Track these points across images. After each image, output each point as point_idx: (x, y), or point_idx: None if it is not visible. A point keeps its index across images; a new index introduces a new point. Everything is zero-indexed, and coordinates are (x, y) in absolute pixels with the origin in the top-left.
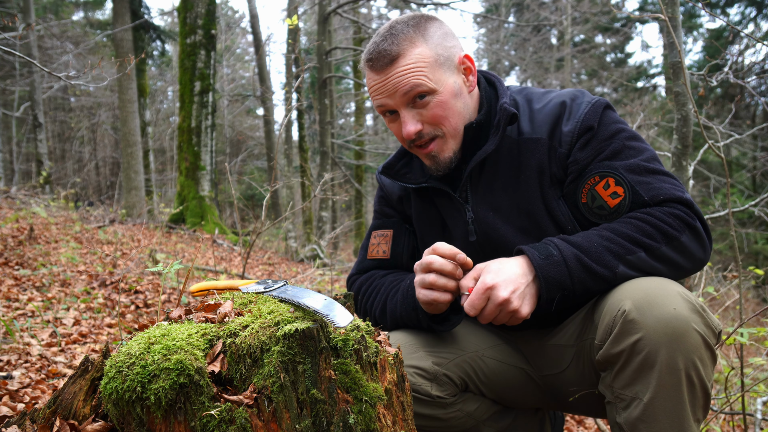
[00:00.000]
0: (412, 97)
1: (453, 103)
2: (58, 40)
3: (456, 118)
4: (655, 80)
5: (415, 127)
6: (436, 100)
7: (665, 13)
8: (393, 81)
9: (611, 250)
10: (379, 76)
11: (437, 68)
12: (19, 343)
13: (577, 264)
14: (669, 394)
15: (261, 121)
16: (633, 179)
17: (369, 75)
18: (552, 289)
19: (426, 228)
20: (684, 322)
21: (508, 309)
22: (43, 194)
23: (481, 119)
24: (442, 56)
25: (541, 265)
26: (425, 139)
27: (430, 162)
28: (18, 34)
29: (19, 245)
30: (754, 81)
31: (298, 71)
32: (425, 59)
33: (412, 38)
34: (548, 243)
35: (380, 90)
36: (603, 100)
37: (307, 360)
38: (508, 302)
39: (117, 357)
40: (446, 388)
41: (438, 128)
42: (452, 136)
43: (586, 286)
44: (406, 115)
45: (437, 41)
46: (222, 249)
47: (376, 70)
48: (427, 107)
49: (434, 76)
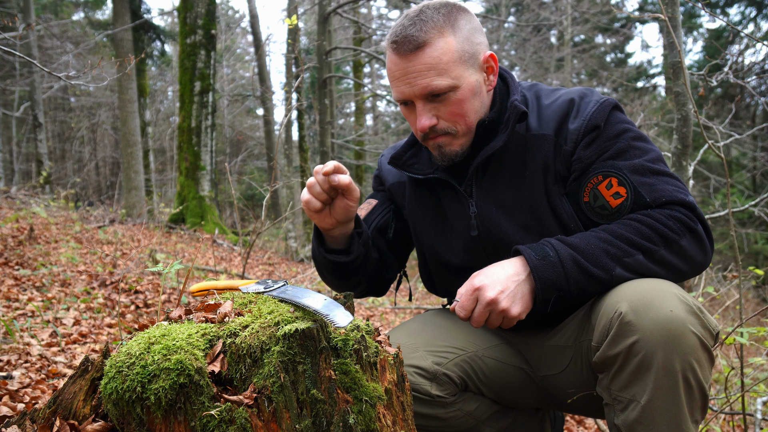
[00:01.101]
0: (431, 91)
1: (471, 101)
2: (58, 40)
3: (472, 117)
4: (655, 80)
5: (430, 122)
6: (455, 97)
7: (665, 13)
8: (415, 70)
9: (608, 252)
10: (401, 62)
11: (461, 64)
12: (19, 343)
13: (573, 265)
14: (666, 396)
15: (261, 121)
16: (636, 180)
17: (391, 58)
18: (547, 289)
19: (419, 218)
20: (680, 323)
21: (497, 310)
22: (43, 194)
23: (493, 117)
24: (467, 52)
25: (537, 266)
26: (438, 133)
27: (437, 152)
28: (18, 34)
29: (19, 245)
30: (754, 81)
31: (298, 71)
32: (451, 53)
33: (441, 28)
34: (545, 244)
35: (400, 76)
36: (612, 99)
37: (307, 360)
38: (496, 302)
39: (117, 357)
40: (446, 387)
41: (452, 125)
42: (465, 134)
43: (582, 287)
44: (422, 108)
45: (465, 35)
46: (222, 249)
47: (400, 54)
48: (445, 103)
49: (457, 72)
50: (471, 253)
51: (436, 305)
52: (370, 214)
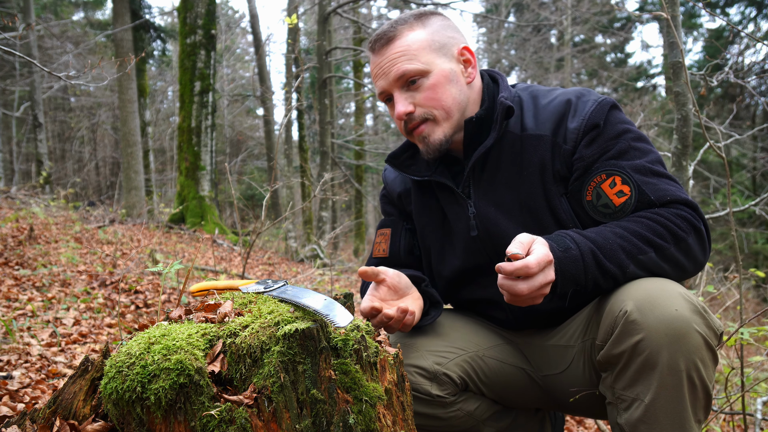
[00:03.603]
0: (405, 81)
1: (446, 87)
2: (58, 40)
3: (449, 102)
4: (655, 80)
5: (405, 108)
6: (428, 82)
7: (666, 12)
8: (388, 60)
9: (624, 249)
10: (376, 57)
11: (431, 51)
12: (19, 343)
13: (592, 260)
14: (670, 395)
15: (261, 121)
16: (639, 179)
17: (371, 58)
18: (567, 283)
19: (426, 222)
20: (685, 323)
21: (543, 291)
22: (43, 194)
23: (482, 114)
24: (437, 42)
25: (560, 258)
26: (416, 122)
27: (422, 145)
28: (18, 34)
29: (19, 245)
30: (754, 81)
31: (298, 71)
32: (419, 41)
33: (411, 24)
34: (564, 236)
35: (378, 72)
36: (609, 99)
37: (307, 360)
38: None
39: (117, 357)
40: (446, 387)
41: (429, 111)
42: (444, 119)
43: (597, 282)
44: (398, 96)
45: (435, 29)
46: (222, 249)
47: (375, 51)
48: (420, 89)
49: (426, 58)
50: (472, 253)
51: None
52: (393, 245)
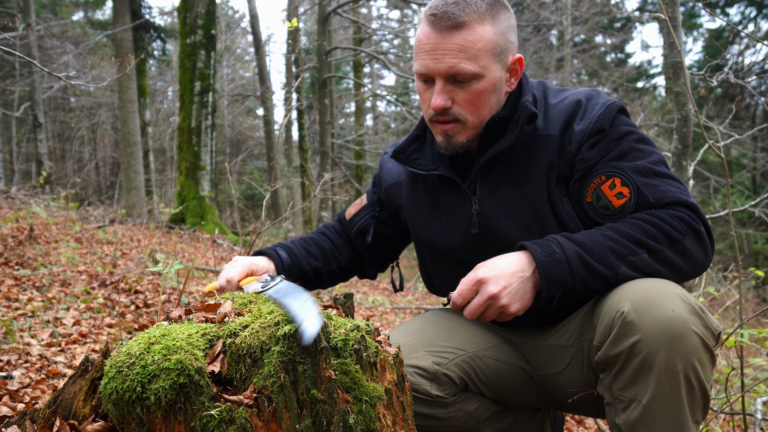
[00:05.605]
0: (456, 73)
1: (489, 96)
2: (58, 40)
3: (485, 111)
4: (655, 80)
5: (443, 102)
6: (476, 86)
7: (665, 12)
8: (447, 47)
9: (614, 250)
10: (435, 35)
11: (491, 55)
12: (19, 343)
13: (579, 262)
14: (667, 396)
15: (261, 121)
16: (639, 181)
17: (425, 30)
18: (552, 287)
19: (417, 215)
20: (682, 323)
21: (496, 305)
22: (43, 194)
23: (504, 115)
24: (499, 46)
25: (543, 262)
26: (448, 118)
27: (442, 139)
28: (18, 34)
29: (19, 245)
30: (754, 81)
31: (298, 71)
32: (485, 41)
33: (482, 15)
34: (551, 240)
35: (430, 50)
36: (618, 102)
37: (307, 360)
38: (497, 298)
39: (117, 357)
40: (446, 387)
41: (465, 114)
42: (474, 127)
43: (586, 285)
44: (441, 87)
45: (502, 29)
46: (222, 249)
47: (435, 28)
48: (465, 89)
49: (485, 61)
50: (470, 249)
51: (437, 305)
52: (356, 215)
